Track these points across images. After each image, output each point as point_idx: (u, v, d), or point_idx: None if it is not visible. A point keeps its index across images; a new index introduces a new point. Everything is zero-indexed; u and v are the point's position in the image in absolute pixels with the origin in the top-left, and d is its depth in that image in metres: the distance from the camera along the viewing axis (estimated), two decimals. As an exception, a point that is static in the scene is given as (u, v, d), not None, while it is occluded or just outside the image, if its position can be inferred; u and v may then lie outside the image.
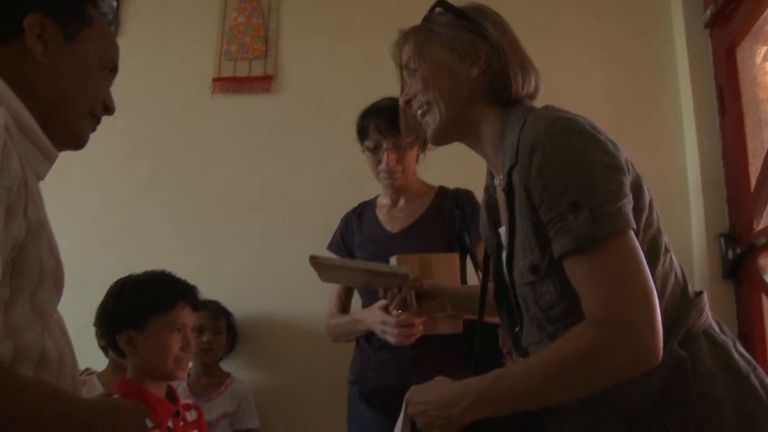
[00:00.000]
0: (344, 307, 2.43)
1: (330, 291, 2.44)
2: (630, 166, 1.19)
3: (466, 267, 2.28)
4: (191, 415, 1.82)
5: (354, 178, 2.75)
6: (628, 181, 1.15)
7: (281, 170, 2.98)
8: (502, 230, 1.34)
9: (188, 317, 1.77)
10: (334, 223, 2.49)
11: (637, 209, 1.16)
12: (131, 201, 3.02)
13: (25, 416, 0.89)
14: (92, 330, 2.11)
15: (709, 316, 1.24)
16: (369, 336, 2.23)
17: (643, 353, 1.06)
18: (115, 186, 3.02)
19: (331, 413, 2.55)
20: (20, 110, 1.03)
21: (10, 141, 0.93)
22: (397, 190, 2.33)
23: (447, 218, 2.29)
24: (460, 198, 2.32)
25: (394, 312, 2.05)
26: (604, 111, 2.80)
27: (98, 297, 2.50)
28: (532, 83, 1.34)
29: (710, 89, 2.69)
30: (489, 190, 1.46)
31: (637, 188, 1.18)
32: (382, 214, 2.37)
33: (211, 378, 2.69)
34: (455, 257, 2.16)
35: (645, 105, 2.85)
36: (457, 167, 2.73)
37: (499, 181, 1.36)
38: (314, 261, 1.46)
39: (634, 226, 1.12)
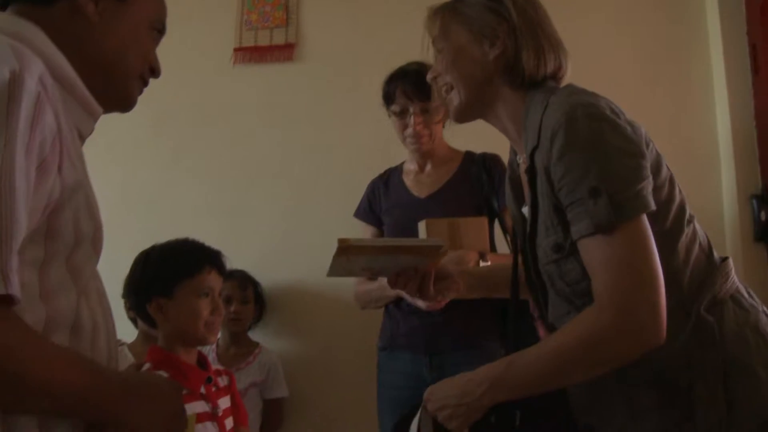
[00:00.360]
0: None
1: (358, 257, 2.43)
2: (649, 145, 1.22)
3: (494, 231, 2.26)
4: (222, 381, 1.82)
5: (379, 145, 2.71)
6: (647, 162, 1.17)
7: (305, 138, 2.96)
8: (526, 209, 1.36)
9: (215, 281, 1.76)
10: (360, 190, 2.47)
11: (657, 187, 1.20)
12: (156, 173, 3.02)
13: (41, 378, 0.85)
14: (121, 302, 2.12)
15: (735, 281, 1.26)
16: (398, 302, 2.22)
17: (644, 335, 1.10)
18: (140, 158, 3.03)
19: (360, 381, 2.55)
20: (62, 64, 1.00)
21: (45, 95, 0.90)
22: (424, 155, 2.31)
23: (474, 183, 2.27)
24: (488, 162, 2.30)
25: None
26: (632, 69, 2.76)
27: (125, 270, 2.51)
28: (550, 65, 1.33)
29: (743, 46, 2.62)
30: (512, 165, 1.47)
31: (657, 166, 1.22)
32: (409, 180, 2.35)
33: (239, 348, 2.69)
34: (484, 221, 2.14)
35: (674, 63, 2.78)
36: (483, 132, 2.69)
37: (522, 159, 1.39)
38: (343, 244, 1.33)
39: (653, 208, 1.15)
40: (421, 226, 2.09)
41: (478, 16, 1.34)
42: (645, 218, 1.14)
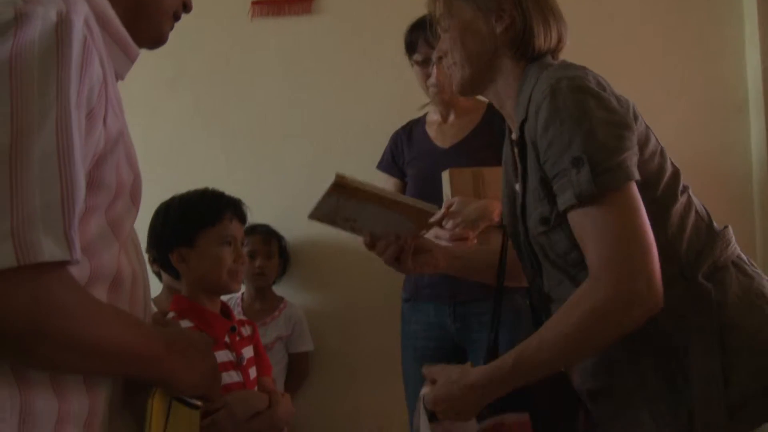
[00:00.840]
0: (395, 225, 2.42)
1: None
2: (637, 119, 1.23)
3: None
4: (246, 331, 1.82)
5: (400, 98, 2.68)
6: (633, 134, 1.17)
7: (326, 92, 2.92)
8: (518, 187, 1.36)
9: (237, 230, 1.76)
10: (381, 144, 2.45)
11: (645, 159, 1.20)
12: (175, 129, 3.00)
13: (95, 339, 0.85)
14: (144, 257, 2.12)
15: (737, 248, 1.26)
16: (422, 253, 2.21)
17: (642, 304, 1.10)
18: (159, 114, 3.00)
19: (384, 333, 2.56)
20: (103, 5, 0.97)
21: (91, 39, 0.86)
22: (447, 105, 2.29)
23: (498, 133, 2.24)
24: (511, 112, 2.27)
25: (449, 225, 2.03)
26: (655, 19, 2.69)
27: (146, 226, 2.52)
28: (553, 37, 1.32)
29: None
30: (508, 142, 1.46)
31: (645, 139, 1.22)
32: (432, 130, 2.33)
33: (264, 303, 2.70)
34: (508, 171, 2.12)
35: (701, 10, 2.71)
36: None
37: (514, 134, 1.38)
38: (340, 180, 1.36)
39: (637, 178, 1.14)
40: (445, 175, 2.08)
41: None
42: (633, 187, 1.14)
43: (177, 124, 3.01)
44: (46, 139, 0.78)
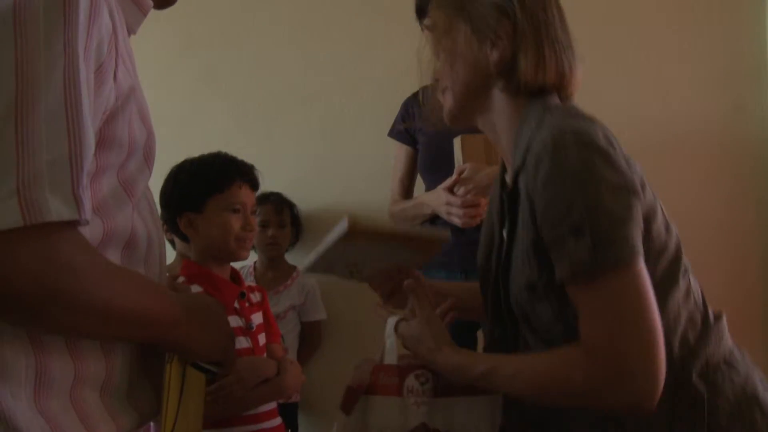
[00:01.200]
0: (407, 192, 2.41)
1: (392, 177, 2.42)
2: (645, 186, 1.09)
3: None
4: (255, 297, 1.81)
5: (414, 62, 2.65)
6: (639, 204, 1.04)
7: (338, 57, 2.90)
8: (505, 233, 1.25)
9: (247, 196, 1.73)
10: (395, 109, 2.43)
11: (650, 237, 1.07)
12: (186, 96, 3.00)
13: (108, 302, 0.82)
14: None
15: (729, 341, 1.16)
16: (433, 219, 2.20)
17: (636, 400, 0.99)
18: (169, 82, 2.99)
19: (397, 301, 2.56)
20: None
21: None
22: (458, 71, 2.26)
23: (510, 99, 2.22)
24: (524, 78, 2.24)
25: (460, 192, 2.02)
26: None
27: (157, 191, 2.50)
28: (551, 72, 1.17)
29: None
30: (500, 180, 1.34)
31: (651, 209, 1.09)
32: (443, 96, 2.30)
33: (277, 272, 2.71)
34: (521, 137, 2.10)
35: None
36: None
37: (508, 179, 1.26)
38: (354, 227, 1.19)
39: (641, 253, 1.01)
40: (456, 142, 2.06)
41: (482, 12, 1.20)
42: (640, 262, 1.00)
43: (188, 92, 3.01)
44: (54, 93, 0.75)
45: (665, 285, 1.09)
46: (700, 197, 2.57)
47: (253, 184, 1.76)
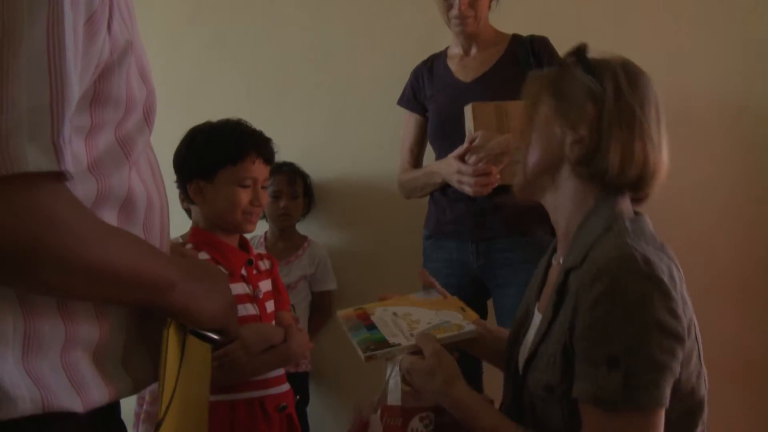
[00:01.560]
0: (416, 161, 2.40)
1: (401, 145, 2.40)
2: (691, 331, 1.09)
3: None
4: (264, 265, 1.80)
5: (424, 30, 2.63)
6: (682, 351, 1.04)
7: (348, 26, 2.87)
8: (537, 315, 1.27)
9: (260, 171, 1.70)
10: (404, 78, 2.41)
11: (680, 379, 1.07)
12: (197, 64, 2.98)
13: (99, 258, 0.79)
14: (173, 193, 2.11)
15: None
16: (444, 188, 2.19)
17: None
18: (178, 51, 2.98)
19: (407, 271, 2.55)
20: None
21: None
22: (469, 38, 2.23)
23: (522, 66, 2.19)
24: (536, 45, 2.21)
25: (471, 160, 2.01)
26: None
27: (165, 162, 2.47)
28: (636, 170, 1.16)
29: None
30: (548, 260, 1.36)
31: (688, 356, 1.08)
32: (453, 64, 2.28)
33: (288, 242, 2.70)
34: (532, 105, 2.07)
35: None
36: (531, 14, 2.60)
37: (558, 261, 1.27)
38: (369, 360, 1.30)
39: (666, 405, 1.02)
40: (467, 110, 2.04)
41: (572, 92, 1.20)
42: (661, 415, 1.02)
43: (197, 60, 2.99)
44: (36, 39, 0.72)
45: (681, 427, 1.10)
46: (716, 170, 2.54)
47: (268, 158, 1.72)
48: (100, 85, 0.84)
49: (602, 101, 1.16)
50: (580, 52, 1.23)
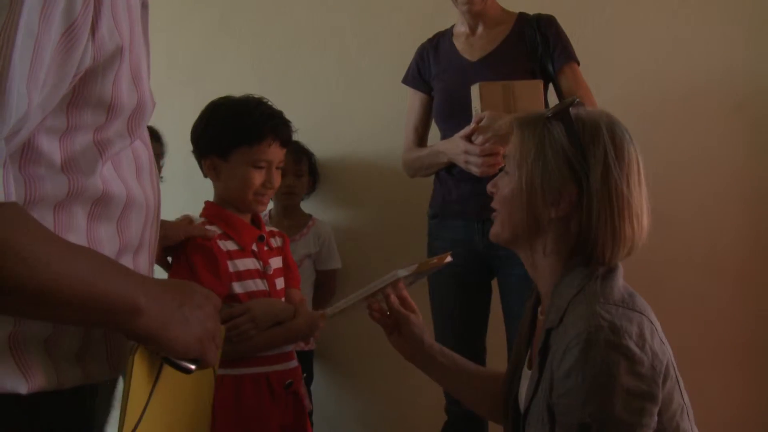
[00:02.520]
0: (421, 140, 2.39)
1: (406, 124, 2.39)
2: (668, 376, 1.12)
3: (549, 95, 2.18)
4: (275, 242, 1.81)
5: (430, 8, 2.61)
6: (655, 406, 1.09)
7: (354, 3, 2.85)
8: (526, 374, 1.30)
9: (275, 154, 1.69)
10: (409, 56, 2.39)
11: (661, 420, 1.11)
12: (202, 42, 2.97)
13: (42, 281, 0.74)
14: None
15: None
16: (450, 168, 2.18)
17: None
18: (183, 28, 2.96)
19: (412, 250, 2.55)
20: None
21: None
22: (475, 17, 2.21)
23: (528, 45, 2.18)
24: (542, 23, 2.20)
25: (478, 140, 2.00)
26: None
27: (173, 139, 2.48)
28: (626, 250, 1.17)
29: None
30: (533, 309, 1.37)
31: (669, 399, 1.12)
32: (459, 43, 2.26)
33: (293, 220, 2.69)
34: (539, 84, 2.07)
35: None
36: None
37: (540, 312, 1.31)
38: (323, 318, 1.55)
39: None
40: (474, 89, 2.02)
41: (553, 163, 1.18)
42: None
43: (202, 38, 2.98)
44: None
45: None
46: (720, 148, 2.54)
47: (284, 141, 1.71)
48: (80, 89, 0.82)
49: (587, 180, 1.15)
50: (564, 114, 1.20)
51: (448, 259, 1.49)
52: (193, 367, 0.93)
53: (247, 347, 1.62)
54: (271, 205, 2.71)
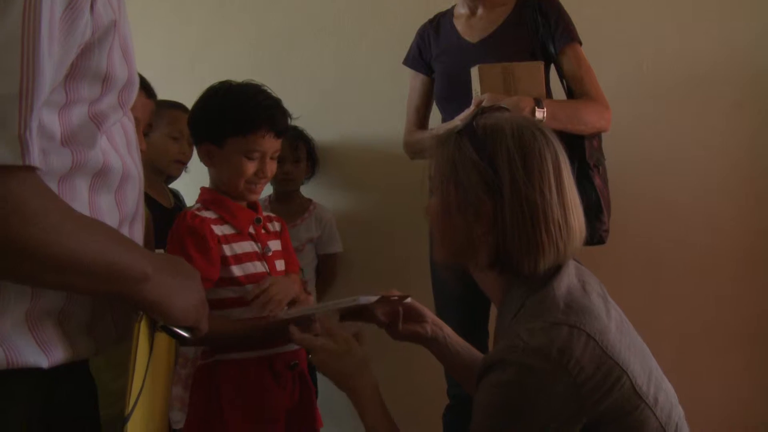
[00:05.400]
0: (422, 122, 2.38)
1: (407, 106, 2.38)
2: (614, 388, 1.06)
3: (551, 77, 2.16)
4: (273, 227, 1.81)
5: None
6: (572, 423, 1.06)
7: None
8: None
9: (269, 144, 1.67)
10: (409, 40, 2.37)
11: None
12: (201, 28, 2.95)
13: (67, 248, 0.78)
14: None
15: None
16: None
17: None
18: (184, 14, 2.94)
19: (413, 235, 2.55)
20: None
21: None
22: (475, -2, 2.19)
23: (529, 26, 2.16)
24: (543, 4, 2.18)
25: None
26: None
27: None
28: (549, 260, 1.15)
29: None
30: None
31: (617, 406, 1.07)
32: (460, 24, 2.24)
33: (291, 205, 2.68)
34: (540, 66, 2.05)
35: None
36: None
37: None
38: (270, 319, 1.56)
39: None
40: (474, 71, 2.01)
41: (466, 180, 1.16)
42: None
43: (201, 24, 2.96)
44: (9, 28, 0.71)
45: None
46: (726, 129, 2.52)
47: (280, 132, 1.69)
48: (77, 62, 0.84)
49: (498, 191, 1.13)
50: (468, 126, 1.19)
51: (408, 300, 1.49)
52: (187, 335, 1.00)
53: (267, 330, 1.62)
54: (270, 191, 2.71)
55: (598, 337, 1.08)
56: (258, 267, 1.67)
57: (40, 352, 0.85)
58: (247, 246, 1.68)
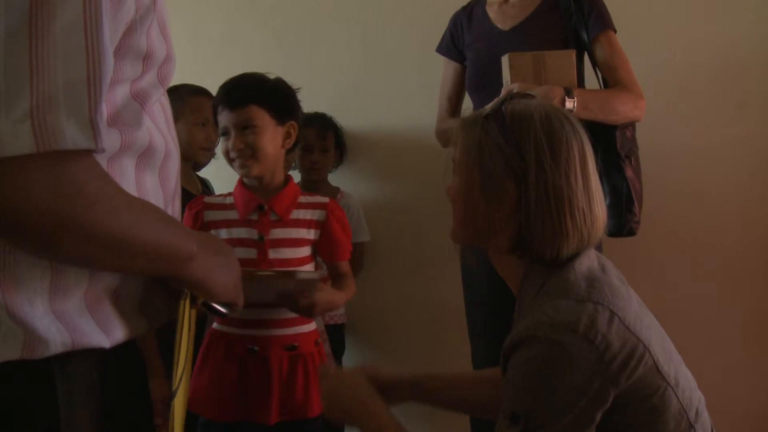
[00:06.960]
0: (455, 110, 2.35)
1: (440, 93, 2.36)
2: (640, 361, 1.07)
3: (584, 66, 2.13)
4: (308, 215, 1.90)
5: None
6: (599, 402, 1.06)
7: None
8: None
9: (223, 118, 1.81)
10: (439, 27, 2.35)
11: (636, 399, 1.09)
12: (229, 17, 2.94)
13: (125, 232, 0.80)
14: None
15: None
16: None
17: None
18: (212, 3, 2.95)
19: (442, 224, 2.53)
20: None
21: None
22: (508, -17, 2.16)
23: (562, 13, 2.12)
24: (576, -10, 2.13)
25: None
26: None
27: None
28: (572, 246, 1.15)
29: None
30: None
31: (640, 385, 1.08)
32: (492, 11, 2.21)
33: (320, 194, 2.68)
34: (571, 54, 2.01)
35: None
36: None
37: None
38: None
39: None
40: (504, 60, 1.98)
41: (491, 164, 1.16)
42: None
43: (229, 13, 2.96)
44: (72, 11, 0.71)
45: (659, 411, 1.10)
46: (759, 120, 2.48)
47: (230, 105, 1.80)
48: (122, 41, 0.84)
49: (523, 176, 1.14)
50: (497, 111, 1.20)
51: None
52: (225, 311, 1.05)
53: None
54: (298, 179, 2.71)
55: (621, 314, 1.09)
56: (249, 253, 1.76)
57: (101, 333, 0.87)
58: (243, 232, 1.79)
